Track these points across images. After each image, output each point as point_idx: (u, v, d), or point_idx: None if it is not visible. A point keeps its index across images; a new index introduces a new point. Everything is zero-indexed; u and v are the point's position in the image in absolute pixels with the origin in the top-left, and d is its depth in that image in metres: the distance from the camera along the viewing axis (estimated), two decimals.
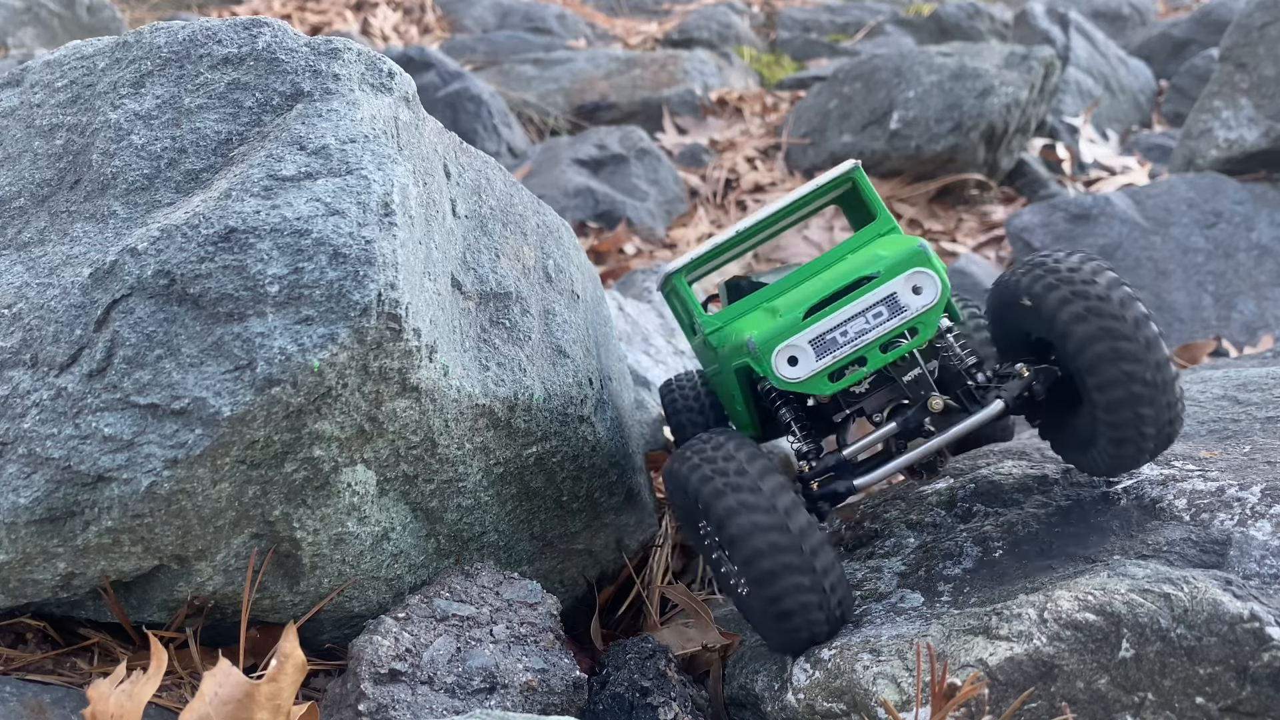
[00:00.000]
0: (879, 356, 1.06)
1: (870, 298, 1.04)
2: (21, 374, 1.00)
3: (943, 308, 1.04)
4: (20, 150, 1.14)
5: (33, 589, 1.05)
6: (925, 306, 1.04)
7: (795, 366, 1.05)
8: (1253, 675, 0.92)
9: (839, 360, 1.05)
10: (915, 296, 1.04)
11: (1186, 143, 3.03)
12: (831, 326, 1.05)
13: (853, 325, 1.05)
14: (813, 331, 1.05)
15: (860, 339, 1.04)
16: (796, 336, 1.05)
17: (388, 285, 0.98)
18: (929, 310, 1.04)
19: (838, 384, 1.06)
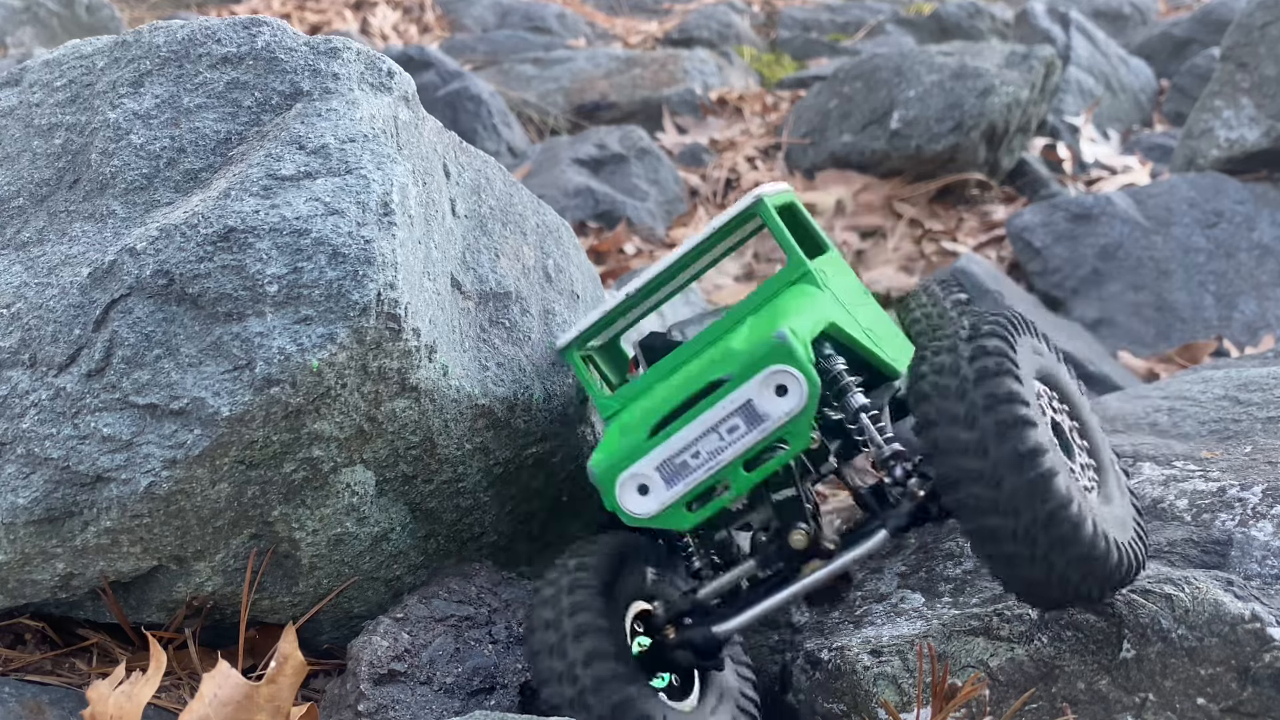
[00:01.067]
0: (743, 477, 0.87)
1: (721, 409, 0.86)
2: (20, 374, 1.00)
3: (813, 410, 0.85)
4: (19, 150, 1.14)
5: (31, 589, 1.05)
6: (789, 414, 0.85)
7: (646, 496, 0.88)
8: (1254, 676, 0.92)
9: (693, 489, 0.87)
10: (778, 400, 0.85)
11: (1187, 142, 3.02)
12: (680, 448, 0.87)
13: (705, 444, 0.87)
14: (658, 455, 0.88)
15: (715, 460, 0.86)
16: (641, 462, 0.88)
17: (387, 285, 0.98)
18: (795, 418, 0.85)
19: (698, 514, 0.89)
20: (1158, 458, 1.26)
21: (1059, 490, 0.80)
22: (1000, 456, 0.80)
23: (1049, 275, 2.69)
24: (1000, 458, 0.80)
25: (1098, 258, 2.66)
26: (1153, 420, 1.43)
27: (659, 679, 0.94)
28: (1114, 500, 0.94)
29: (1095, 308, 2.61)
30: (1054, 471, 0.80)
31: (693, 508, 0.89)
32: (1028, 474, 0.79)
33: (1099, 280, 2.64)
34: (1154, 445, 1.32)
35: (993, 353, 0.85)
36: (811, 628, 1.16)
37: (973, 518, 0.82)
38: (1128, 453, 1.29)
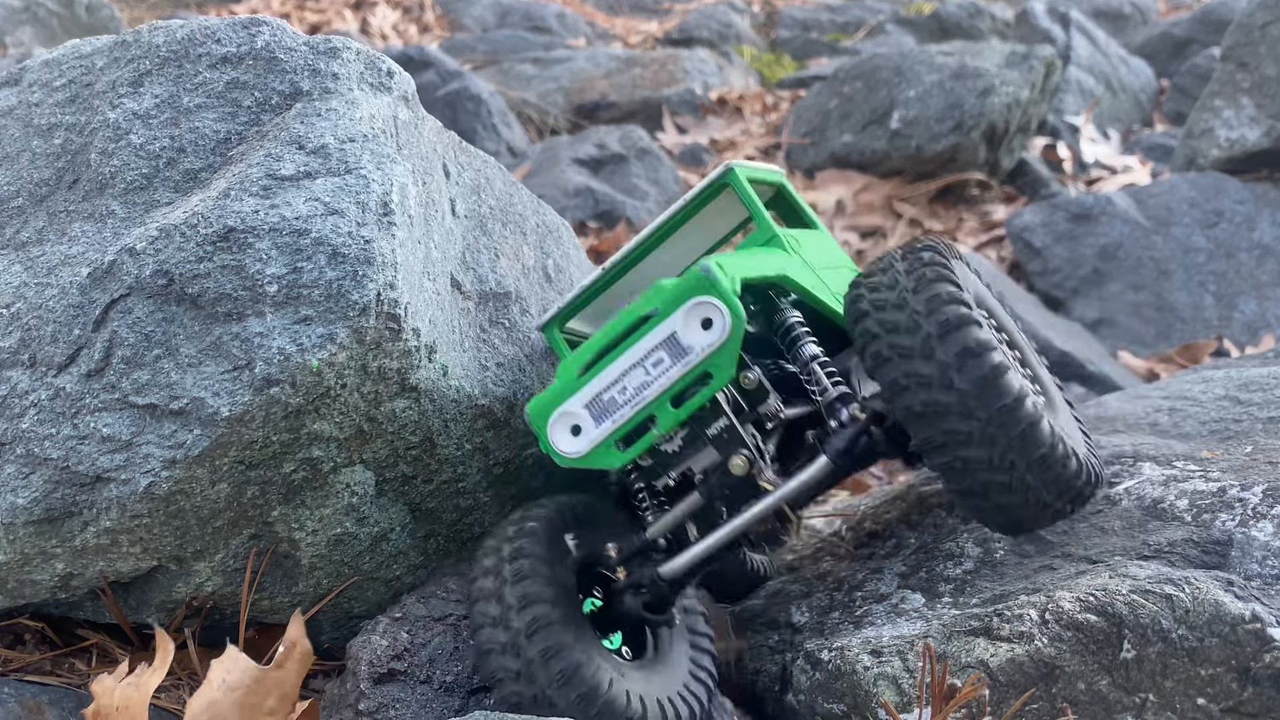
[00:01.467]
0: (670, 413, 0.85)
1: (646, 343, 0.85)
2: (20, 374, 1.00)
3: (738, 342, 0.83)
4: (18, 150, 1.14)
5: (31, 589, 1.04)
6: (712, 346, 0.83)
7: (578, 436, 0.87)
8: (1254, 676, 0.92)
9: (621, 425, 0.86)
10: (702, 333, 0.83)
11: (1188, 142, 3.02)
12: (607, 384, 0.86)
13: (631, 379, 0.85)
14: (587, 393, 0.87)
15: (641, 396, 0.85)
16: (571, 401, 0.87)
17: (387, 285, 0.98)
18: (719, 349, 0.83)
19: (628, 453, 0.87)
20: (1158, 458, 1.26)
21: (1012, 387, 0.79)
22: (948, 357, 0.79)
23: (1049, 275, 2.68)
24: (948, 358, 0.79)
25: (1098, 258, 2.66)
26: (1153, 420, 1.43)
27: (610, 640, 0.93)
28: (1061, 413, 0.96)
29: (1095, 308, 2.61)
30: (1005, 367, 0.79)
31: (622, 446, 0.87)
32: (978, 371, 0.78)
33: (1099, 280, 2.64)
34: (1154, 445, 1.32)
35: (929, 263, 0.87)
36: (812, 628, 1.16)
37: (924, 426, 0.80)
38: (1128, 453, 1.29)
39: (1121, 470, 1.25)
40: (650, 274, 1.11)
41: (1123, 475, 1.24)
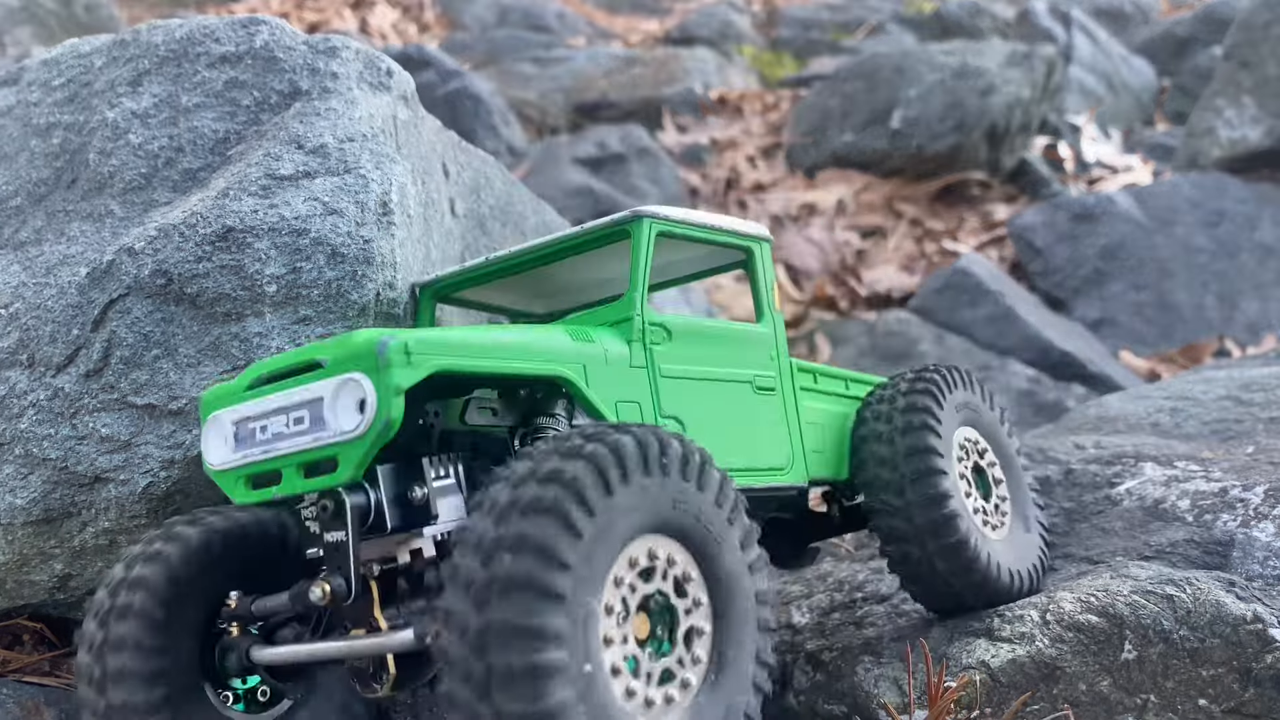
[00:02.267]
0: (296, 479, 0.76)
1: (297, 394, 0.75)
2: (18, 374, 1.00)
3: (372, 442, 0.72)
4: (17, 149, 1.14)
5: (29, 590, 1.04)
6: (346, 435, 0.72)
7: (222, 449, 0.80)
8: (1256, 677, 0.92)
9: (250, 464, 0.78)
10: (346, 414, 0.72)
11: (1190, 141, 3.02)
12: (255, 414, 0.77)
13: (273, 422, 0.76)
14: (240, 411, 0.79)
15: (273, 446, 0.76)
16: (228, 410, 0.79)
17: (386, 285, 0.98)
18: (351, 442, 0.72)
19: (253, 495, 0.79)
20: (1159, 458, 1.26)
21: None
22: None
23: (1050, 275, 2.68)
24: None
25: (1099, 257, 2.66)
26: (1154, 420, 1.43)
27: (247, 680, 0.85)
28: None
29: (1097, 307, 2.60)
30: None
31: (249, 485, 0.79)
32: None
33: (1101, 280, 2.64)
34: (1156, 445, 1.32)
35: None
36: (812, 628, 1.15)
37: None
38: (1129, 453, 1.29)
39: (1123, 470, 1.24)
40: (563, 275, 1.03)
41: (1124, 475, 1.23)
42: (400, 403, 0.72)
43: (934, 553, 0.99)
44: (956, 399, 1.07)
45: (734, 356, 0.96)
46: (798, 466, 0.99)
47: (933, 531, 0.99)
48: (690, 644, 0.73)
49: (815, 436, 1.03)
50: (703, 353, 0.93)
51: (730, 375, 0.95)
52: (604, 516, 0.67)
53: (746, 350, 0.97)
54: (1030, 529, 1.11)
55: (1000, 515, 1.08)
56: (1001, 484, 1.10)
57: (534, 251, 0.96)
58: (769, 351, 0.99)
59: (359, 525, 0.76)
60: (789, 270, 2.76)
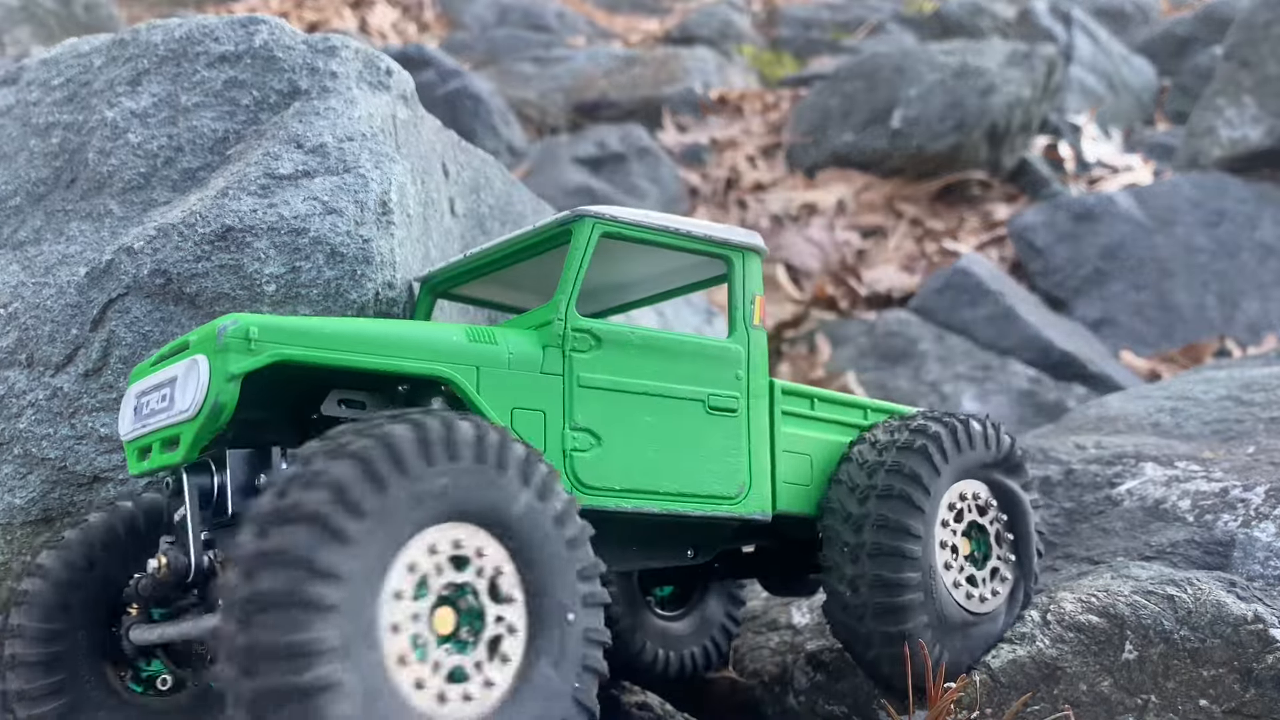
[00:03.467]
0: (157, 454, 0.78)
1: (164, 374, 0.78)
2: (17, 374, 1.00)
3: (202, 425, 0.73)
4: (16, 149, 1.14)
5: None
6: (184, 415, 0.74)
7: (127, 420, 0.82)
8: (1257, 677, 0.91)
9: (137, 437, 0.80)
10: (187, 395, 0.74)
11: (1190, 141, 3.02)
12: (143, 389, 0.80)
13: (152, 399, 0.79)
14: (139, 386, 0.81)
15: (148, 421, 0.78)
16: (136, 384, 0.82)
17: (385, 284, 0.98)
18: (186, 421, 0.74)
19: (139, 465, 0.81)
20: (1160, 458, 1.25)
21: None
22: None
23: (1051, 275, 2.68)
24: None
25: (1100, 257, 2.65)
26: (1155, 420, 1.43)
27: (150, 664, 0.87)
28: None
29: (1097, 307, 2.60)
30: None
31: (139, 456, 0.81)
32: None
33: (1101, 280, 2.63)
34: (1156, 445, 1.32)
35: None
36: (813, 629, 1.15)
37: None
38: (1130, 453, 1.29)
39: (1124, 470, 1.24)
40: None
41: (1125, 476, 1.23)
42: (233, 388, 0.72)
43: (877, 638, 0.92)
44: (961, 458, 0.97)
45: (684, 372, 0.90)
46: (757, 496, 0.92)
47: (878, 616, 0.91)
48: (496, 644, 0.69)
49: (795, 467, 0.96)
50: (640, 365, 0.88)
51: (674, 391, 0.89)
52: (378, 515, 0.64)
53: (703, 366, 0.91)
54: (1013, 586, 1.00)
55: (997, 581, 0.98)
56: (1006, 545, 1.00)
57: (498, 250, 0.94)
58: (734, 370, 0.93)
59: (197, 504, 0.77)
60: (789, 270, 2.76)
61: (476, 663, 0.68)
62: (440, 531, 0.68)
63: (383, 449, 0.65)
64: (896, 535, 0.91)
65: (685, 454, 0.89)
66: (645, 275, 1.04)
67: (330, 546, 0.62)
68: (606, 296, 1.08)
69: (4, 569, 1.01)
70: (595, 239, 0.88)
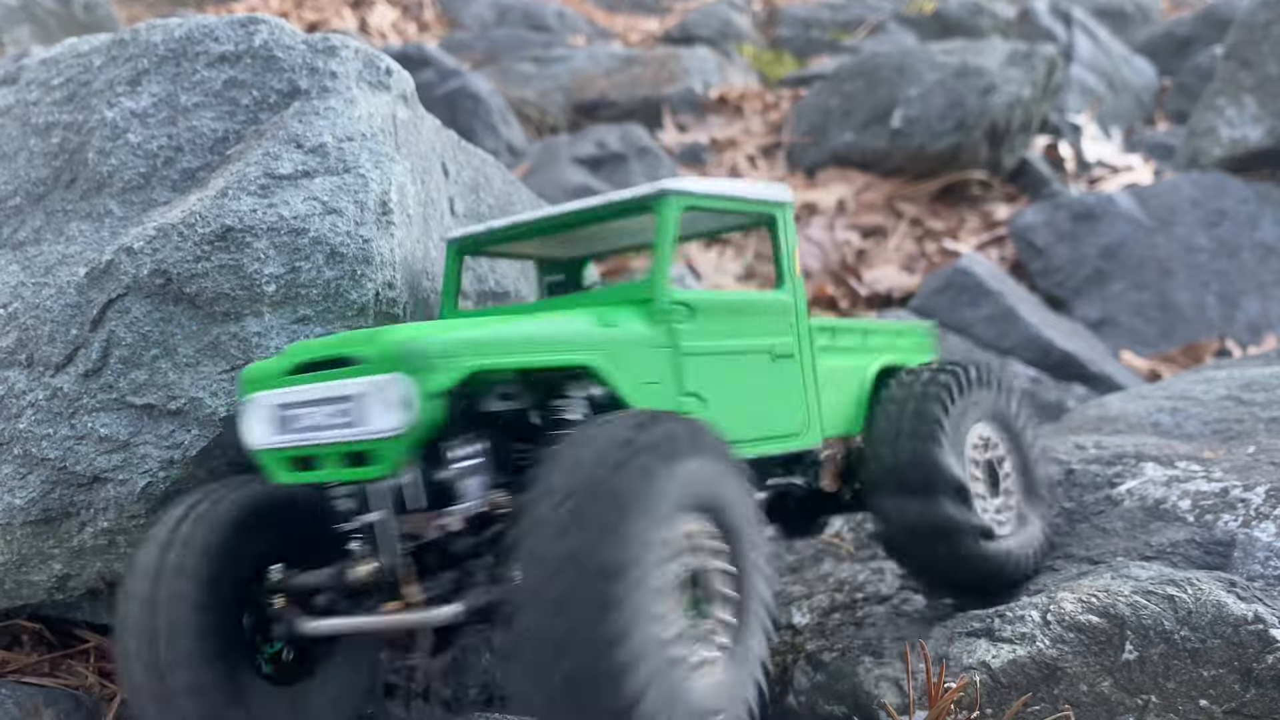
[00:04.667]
0: (335, 467, 0.79)
1: (335, 387, 0.77)
2: (17, 374, 1.00)
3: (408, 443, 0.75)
4: (16, 149, 1.14)
5: (28, 590, 1.04)
6: (383, 434, 0.75)
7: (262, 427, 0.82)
8: (1257, 677, 0.91)
9: (288, 448, 0.80)
10: (385, 412, 0.75)
11: (1190, 141, 3.02)
12: (297, 400, 0.80)
13: (316, 412, 0.79)
14: (282, 396, 0.81)
15: (313, 435, 0.78)
16: (270, 394, 0.81)
17: (385, 284, 0.98)
18: (389, 440, 0.75)
19: (296, 476, 0.81)
20: (1160, 458, 1.25)
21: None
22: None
23: (1051, 275, 2.68)
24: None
25: (1100, 257, 2.65)
26: (1155, 420, 1.43)
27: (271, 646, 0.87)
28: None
29: (1098, 307, 2.60)
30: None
31: (291, 466, 0.82)
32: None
33: (1101, 280, 2.63)
34: (1157, 445, 1.32)
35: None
36: (813, 629, 1.15)
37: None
38: (1130, 453, 1.29)
39: (1124, 470, 1.24)
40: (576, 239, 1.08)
41: (1125, 475, 1.23)
42: (437, 405, 0.75)
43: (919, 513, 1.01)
44: (977, 395, 1.09)
45: (753, 327, 0.97)
46: (813, 429, 1.01)
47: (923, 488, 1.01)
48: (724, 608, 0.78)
49: (832, 395, 1.05)
50: (723, 326, 0.94)
51: (749, 346, 0.96)
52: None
53: (765, 319, 0.98)
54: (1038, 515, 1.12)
55: (1008, 506, 1.09)
56: (1008, 472, 1.11)
57: (560, 218, 0.99)
58: (788, 318, 1.00)
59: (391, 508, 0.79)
60: None
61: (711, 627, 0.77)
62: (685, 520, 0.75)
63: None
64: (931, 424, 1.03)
65: (762, 401, 0.96)
66: (693, 228, 1.11)
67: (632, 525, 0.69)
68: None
69: (4, 568, 1.01)
70: (679, 214, 0.92)
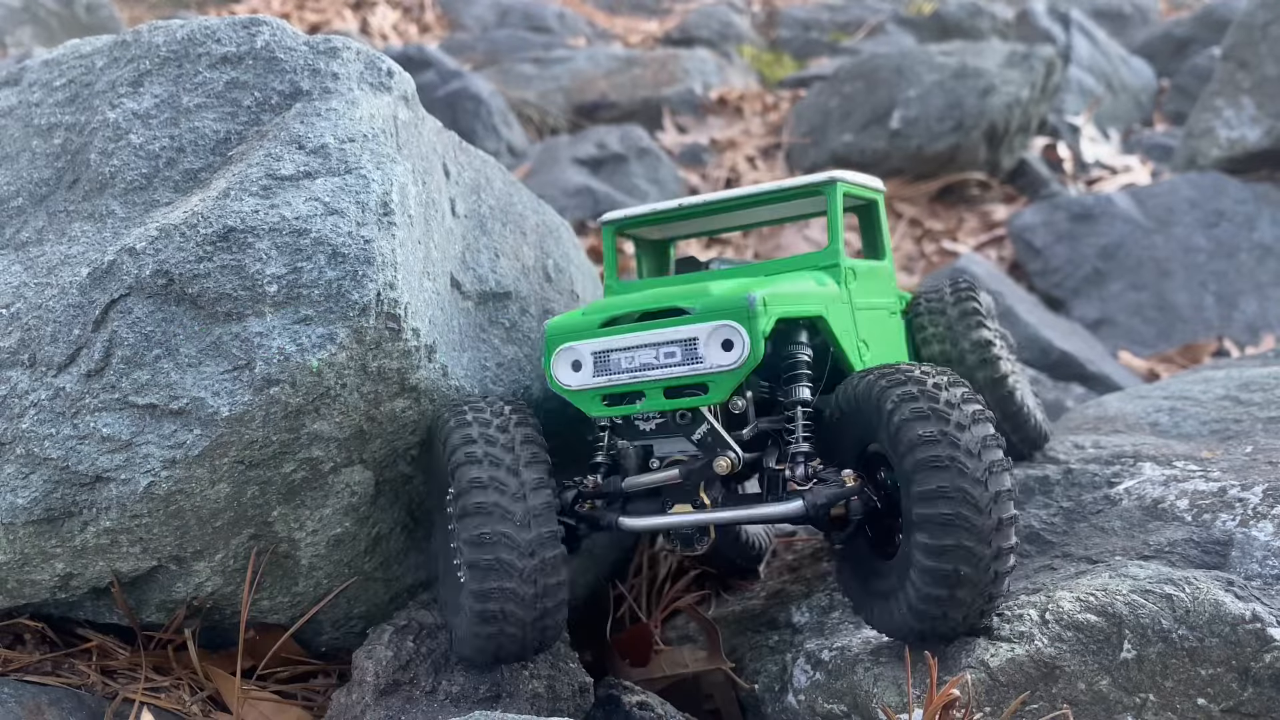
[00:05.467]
0: (659, 399, 0.97)
1: (666, 334, 0.95)
2: (20, 374, 1.00)
3: (744, 374, 0.94)
4: (18, 150, 1.14)
5: (31, 589, 1.04)
6: (722, 367, 0.94)
7: (576, 373, 0.99)
8: (1254, 676, 0.92)
9: (614, 386, 0.97)
10: (719, 352, 0.94)
11: (1188, 142, 3.02)
12: (618, 347, 0.97)
13: (640, 355, 0.96)
14: (600, 344, 0.98)
15: (643, 373, 0.96)
16: (583, 342, 0.98)
17: (386, 285, 0.98)
18: (727, 372, 0.94)
19: (609, 410, 0.99)
20: (1158, 458, 1.26)
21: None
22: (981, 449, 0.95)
23: (1050, 275, 2.68)
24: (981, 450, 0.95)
25: (1098, 257, 2.66)
26: (1153, 420, 1.43)
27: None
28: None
29: (1096, 307, 2.61)
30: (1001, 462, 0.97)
31: (606, 402, 0.99)
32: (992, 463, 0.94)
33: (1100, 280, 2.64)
34: (1155, 445, 1.32)
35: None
36: (812, 628, 1.16)
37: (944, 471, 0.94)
38: (1129, 453, 1.29)
39: (1122, 470, 1.25)
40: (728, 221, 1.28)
41: (1123, 475, 1.24)
42: (764, 345, 0.94)
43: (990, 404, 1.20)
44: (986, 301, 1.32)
45: (880, 289, 1.20)
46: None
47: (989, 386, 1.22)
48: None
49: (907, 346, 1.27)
50: (869, 287, 1.16)
51: (881, 305, 1.19)
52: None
53: (883, 284, 1.21)
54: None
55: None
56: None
57: (732, 201, 1.16)
58: (890, 283, 1.24)
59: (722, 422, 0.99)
60: None
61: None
62: None
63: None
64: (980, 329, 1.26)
65: (890, 346, 1.19)
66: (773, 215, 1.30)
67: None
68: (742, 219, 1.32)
69: (5, 568, 1.01)
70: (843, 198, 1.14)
